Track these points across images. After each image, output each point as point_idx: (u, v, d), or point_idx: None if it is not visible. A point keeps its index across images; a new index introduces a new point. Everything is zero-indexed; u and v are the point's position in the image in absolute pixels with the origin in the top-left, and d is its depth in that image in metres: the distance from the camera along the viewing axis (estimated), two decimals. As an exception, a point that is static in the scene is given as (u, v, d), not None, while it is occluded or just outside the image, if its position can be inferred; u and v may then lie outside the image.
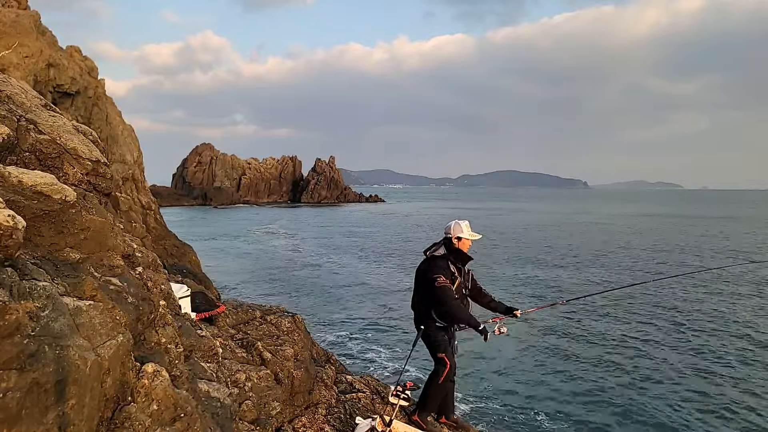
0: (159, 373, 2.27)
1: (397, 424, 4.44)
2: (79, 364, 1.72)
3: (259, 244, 42.98)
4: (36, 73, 18.92)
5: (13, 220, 1.71)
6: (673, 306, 19.91)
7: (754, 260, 26.04)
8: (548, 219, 74.84)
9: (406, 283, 25.22)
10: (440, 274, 4.67)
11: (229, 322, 6.78)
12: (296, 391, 5.21)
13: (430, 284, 4.67)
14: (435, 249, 4.92)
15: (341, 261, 33.82)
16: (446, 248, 4.89)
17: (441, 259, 4.85)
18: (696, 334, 16.31)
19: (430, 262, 4.88)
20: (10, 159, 2.47)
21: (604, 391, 12.09)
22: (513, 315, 5.06)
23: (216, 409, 2.80)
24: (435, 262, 4.84)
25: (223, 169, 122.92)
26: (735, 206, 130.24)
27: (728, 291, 22.25)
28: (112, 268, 2.44)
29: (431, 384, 4.94)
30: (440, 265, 4.79)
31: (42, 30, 20.01)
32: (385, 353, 14.93)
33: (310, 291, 23.99)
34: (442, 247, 4.90)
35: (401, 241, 45.08)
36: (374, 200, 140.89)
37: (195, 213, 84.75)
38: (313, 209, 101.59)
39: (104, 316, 2.03)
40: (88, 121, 20.50)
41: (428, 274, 4.74)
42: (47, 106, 3.18)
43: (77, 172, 2.80)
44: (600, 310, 19.37)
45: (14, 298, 1.60)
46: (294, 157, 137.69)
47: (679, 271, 23.23)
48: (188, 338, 3.24)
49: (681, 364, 13.67)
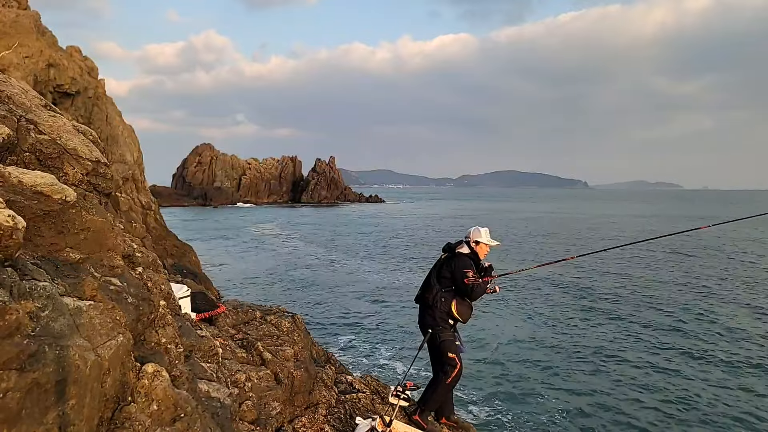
0: (159, 373, 2.27)
1: (397, 424, 4.44)
2: (79, 365, 1.72)
3: (259, 244, 42.97)
4: (36, 73, 18.92)
5: (13, 220, 1.71)
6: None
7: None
8: (539, 218, 74.91)
9: (406, 283, 25.22)
10: (469, 268, 4.96)
11: (229, 323, 6.78)
12: (296, 392, 5.21)
13: (459, 278, 4.94)
14: (459, 247, 5.20)
15: (341, 261, 33.82)
16: (469, 249, 5.19)
17: (466, 257, 5.10)
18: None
19: (458, 257, 5.10)
20: (11, 159, 2.47)
21: (604, 391, 12.09)
22: (492, 276, 5.34)
23: (216, 409, 2.80)
24: (463, 257, 5.08)
25: (223, 169, 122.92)
26: (716, 206, 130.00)
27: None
28: (112, 269, 2.44)
29: (438, 384, 4.95)
30: (467, 260, 5.06)
31: (42, 30, 20.02)
32: (385, 353, 14.93)
33: (310, 291, 23.98)
34: (466, 247, 5.18)
35: (401, 241, 45.09)
36: (374, 200, 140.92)
37: (195, 213, 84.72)
38: (313, 209, 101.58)
39: (104, 317, 2.03)
40: (88, 122, 20.50)
41: (458, 268, 4.99)
42: (47, 106, 3.19)
43: (77, 173, 2.80)
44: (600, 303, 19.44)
45: (14, 298, 1.60)
46: (294, 157, 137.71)
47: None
48: (188, 338, 3.25)
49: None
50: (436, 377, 5.01)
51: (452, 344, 4.92)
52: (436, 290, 5.04)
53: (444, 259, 5.19)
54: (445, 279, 5.04)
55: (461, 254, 5.08)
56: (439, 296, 4.99)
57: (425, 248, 39.51)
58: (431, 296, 5.05)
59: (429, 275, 5.25)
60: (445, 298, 4.98)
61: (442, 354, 4.92)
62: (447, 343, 4.91)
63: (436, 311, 4.99)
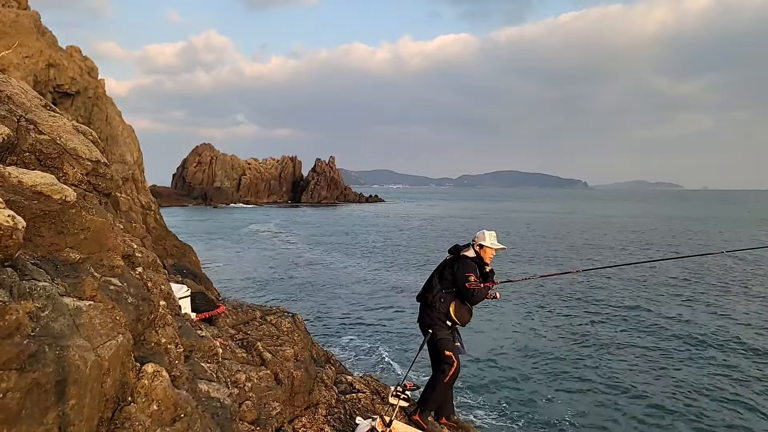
0: (159, 373, 2.27)
1: (397, 424, 4.44)
2: (79, 365, 1.72)
3: (259, 244, 42.95)
4: (36, 73, 18.93)
5: (13, 220, 1.71)
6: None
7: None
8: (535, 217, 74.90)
9: (406, 283, 25.21)
10: (472, 272, 4.96)
11: (229, 323, 6.78)
12: (296, 392, 5.21)
13: (461, 281, 4.95)
14: (465, 250, 5.21)
15: (341, 261, 33.82)
16: (475, 252, 5.20)
17: (471, 260, 5.12)
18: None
19: (462, 261, 5.10)
20: (11, 159, 2.47)
21: (606, 395, 12.09)
22: (494, 282, 5.36)
23: (216, 409, 2.80)
24: (467, 261, 5.08)
25: (223, 169, 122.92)
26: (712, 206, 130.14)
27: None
28: (112, 269, 2.44)
29: (436, 383, 4.97)
30: (471, 264, 5.06)
31: (42, 30, 20.02)
32: (385, 353, 14.92)
33: (310, 291, 23.98)
34: (471, 250, 5.18)
35: (401, 241, 45.07)
36: (374, 200, 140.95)
37: (195, 213, 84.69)
38: (313, 209, 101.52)
39: (104, 317, 2.03)
40: (88, 122, 20.50)
41: (460, 271, 4.99)
42: (47, 106, 3.19)
43: (77, 173, 2.80)
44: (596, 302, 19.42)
45: (14, 299, 1.60)
46: (294, 158, 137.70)
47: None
48: (188, 338, 3.25)
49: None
50: (435, 376, 5.03)
51: (449, 342, 4.95)
52: (436, 290, 5.06)
53: (448, 261, 5.22)
54: (447, 280, 5.06)
55: (465, 257, 5.10)
56: (439, 297, 5.02)
57: (425, 248, 39.52)
58: (431, 296, 5.08)
59: (432, 275, 5.27)
60: (445, 299, 5.00)
61: (439, 352, 4.95)
62: (444, 341, 4.94)
63: (435, 311, 5.02)
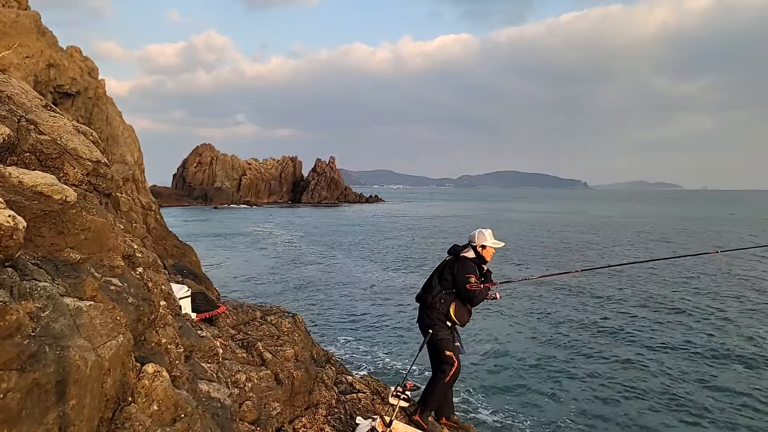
0: (159, 373, 2.27)
1: (398, 424, 4.44)
2: (80, 365, 1.72)
3: (260, 245, 42.95)
4: (36, 73, 18.92)
5: (13, 220, 1.71)
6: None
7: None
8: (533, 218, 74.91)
9: (406, 283, 25.21)
10: (472, 273, 4.94)
11: (230, 323, 6.78)
12: (296, 392, 5.21)
13: (461, 283, 4.92)
14: (464, 251, 5.17)
15: (341, 261, 33.81)
16: (474, 253, 5.16)
17: (471, 261, 5.09)
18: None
19: (461, 262, 5.08)
20: (11, 159, 2.47)
21: (606, 396, 12.09)
22: (493, 283, 5.35)
23: (216, 409, 2.80)
24: (466, 262, 5.06)
25: (224, 169, 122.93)
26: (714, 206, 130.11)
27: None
28: (112, 269, 2.44)
29: (436, 383, 4.96)
30: (471, 265, 5.04)
31: (42, 30, 20.01)
32: (385, 353, 14.92)
33: (311, 291, 23.97)
34: (471, 251, 5.14)
35: (401, 242, 45.08)
36: (374, 200, 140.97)
37: (195, 213, 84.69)
38: (314, 209, 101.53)
39: (105, 317, 2.03)
40: (88, 122, 20.50)
41: (460, 272, 4.97)
42: (48, 106, 3.19)
43: (78, 173, 2.80)
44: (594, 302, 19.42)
45: (15, 299, 1.60)
46: (294, 158, 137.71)
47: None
48: (188, 339, 3.25)
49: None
50: (435, 376, 5.03)
51: (449, 342, 4.94)
52: (436, 291, 5.06)
53: (448, 261, 5.20)
54: (447, 281, 5.06)
55: (465, 258, 5.08)
56: (439, 297, 5.01)
57: (425, 249, 39.54)
58: (431, 296, 5.07)
59: (431, 276, 5.26)
60: (445, 300, 5.00)
61: (439, 352, 4.95)
62: (444, 341, 4.93)
63: (435, 312, 5.02)
